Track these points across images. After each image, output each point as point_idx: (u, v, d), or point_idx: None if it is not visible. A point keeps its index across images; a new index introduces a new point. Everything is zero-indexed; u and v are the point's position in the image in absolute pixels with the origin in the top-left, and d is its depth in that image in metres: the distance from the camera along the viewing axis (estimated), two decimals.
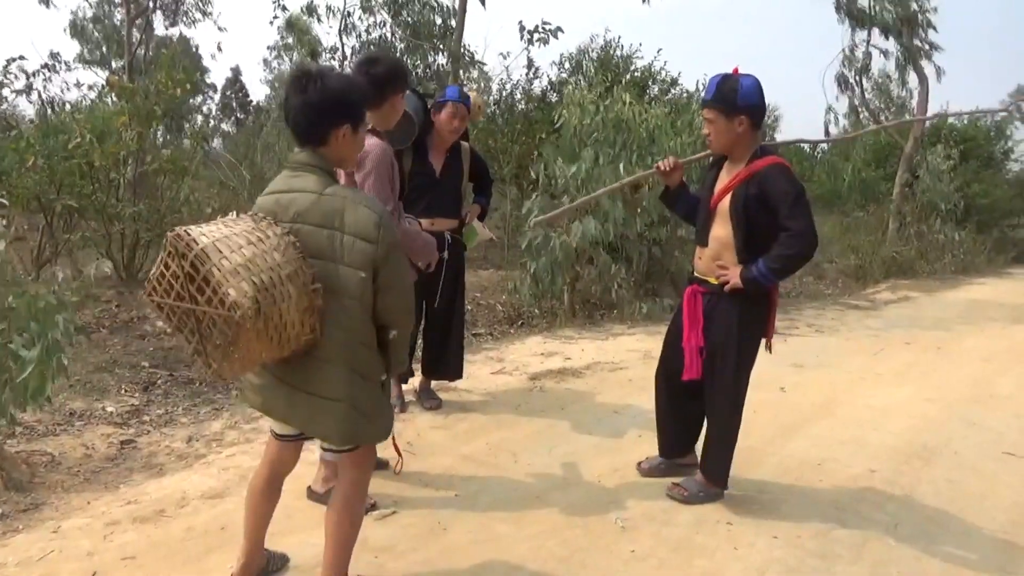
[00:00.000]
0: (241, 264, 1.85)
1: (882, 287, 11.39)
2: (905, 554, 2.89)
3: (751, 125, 2.97)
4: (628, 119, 7.16)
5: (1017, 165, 19.11)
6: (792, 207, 2.88)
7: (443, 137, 4.13)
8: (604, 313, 7.47)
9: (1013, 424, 4.61)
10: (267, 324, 1.88)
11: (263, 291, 1.86)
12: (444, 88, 4.23)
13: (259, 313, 1.84)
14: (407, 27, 12.33)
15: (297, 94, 2.07)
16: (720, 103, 2.95)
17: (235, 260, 1.85)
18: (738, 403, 3.17)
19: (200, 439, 3.82)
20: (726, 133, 2.98)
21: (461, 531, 2.89)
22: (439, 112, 4.07)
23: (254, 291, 1.84)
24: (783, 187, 2.91)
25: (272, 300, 1.88)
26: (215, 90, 32.19)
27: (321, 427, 2.11)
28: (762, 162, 2.97)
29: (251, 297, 1.83)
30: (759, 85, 2.96)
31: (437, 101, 4.10)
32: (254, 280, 1.85)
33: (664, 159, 3.32)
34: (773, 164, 2.97)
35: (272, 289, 1.88)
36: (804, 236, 2.89)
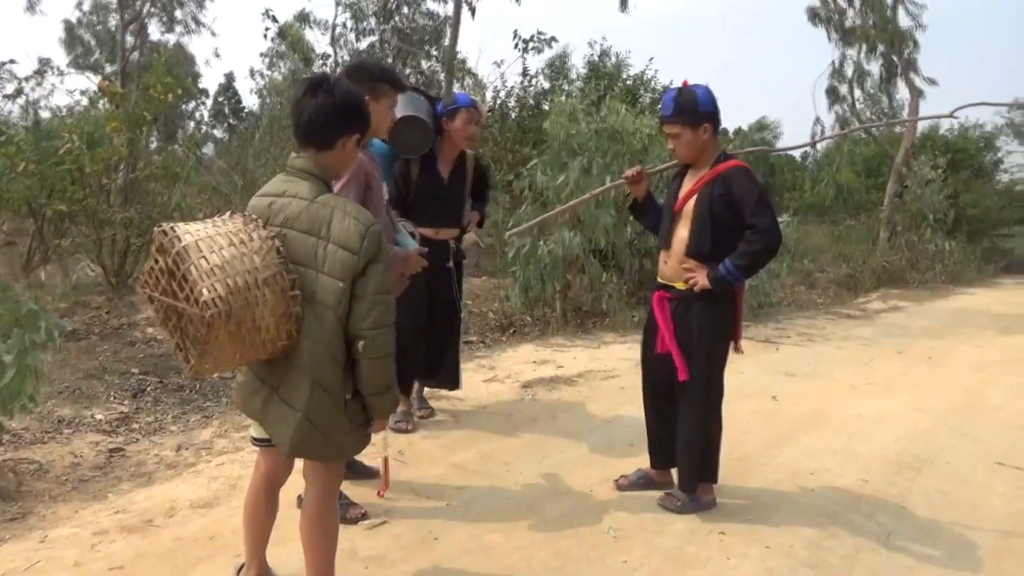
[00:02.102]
0: (218, 265, 1.87)
1: (873, 296, 11.43)
2: (897, 564, 2.88)
3: (712, 131, 3.08)
4: (622, 130, 7.17)
5: (1007, 176, 19.29)
6: (756, 206, 2.97)
7: (455, 145, 4.06)
8: (596, 321, 7.47)
9: (1004, 434, 4.62)
10: (239, 326, 1.89)
11: (236, 293, 1.87)
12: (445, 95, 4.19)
13: (230, 314, 1.85)
14: (398, 33, 12.34)
15: (319, 93, 2.08)
16: (682, 116, 3.06)
17: (213, 260, 1.87)
18: (710, 408, 3.18)
19: (190, 447, 3.80)
20: (693, 143, 3.08)
21: (452, 541, 2.87)
22: (452, 120, 3.98)
23: (226, 292, 1.85)
24: (747, 187, 3.00)
25: (245, 303, 1.88)
26: (208, 96, 32.14)
27: (278, 432, 2.10)
28: (725, 165, 3.07)
29: (223, 298, 1.84)
30: (712, 92, 3.09)
31: (448, 108, 4.01)
32: (228, 282, 1.86)
33: (632, 168, 3.37)
34: (736, 166, 3.06)
35: (246, 292, 1.88)
36: (768, 233, 2.97)
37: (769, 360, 6.49)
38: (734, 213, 3.02)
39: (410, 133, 3.73)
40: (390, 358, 2.07)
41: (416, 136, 3.77)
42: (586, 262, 7.21)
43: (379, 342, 2.01)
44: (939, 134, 18.02)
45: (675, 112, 3.07)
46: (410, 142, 3.78)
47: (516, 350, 6.33)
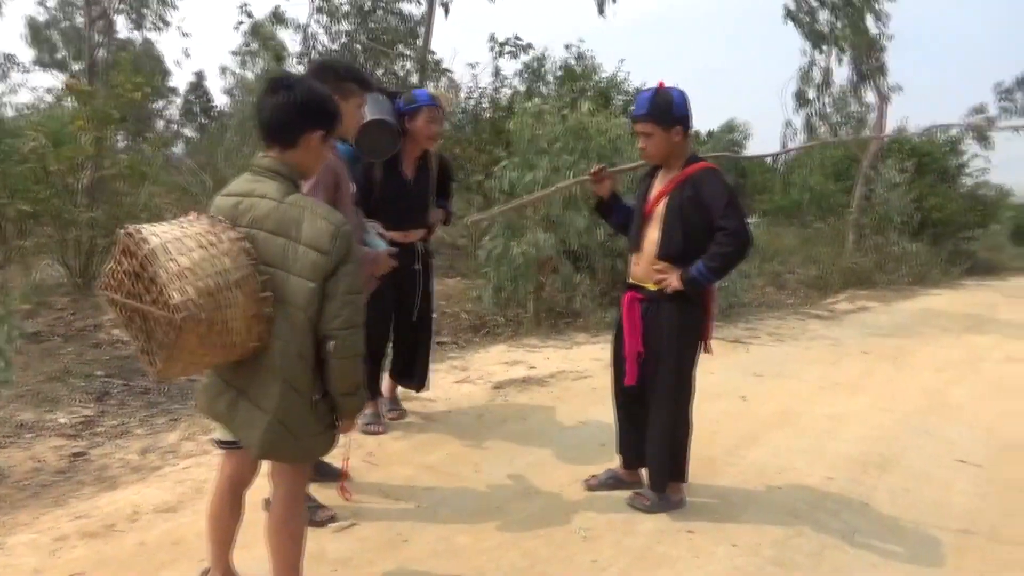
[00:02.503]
0: (188, 267, 1.84)
1: (841, 297, 11.60)
2: (862, 561, 2.93)
3: (684, 134, 3.10)
4: (589, 128, 7.21)
5: (971, 180, 19.67)
6: (726, 208, 3.00)
7: (418, 143, 3.99)
8: (569, 322, 7.49)
9: (965, 433, 4.72)
10: (210, 329, 1.86)
11: (207, 296, 1.84)
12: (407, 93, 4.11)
13: (201, 318, 1.82)
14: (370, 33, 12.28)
15: (280, 91, 2.06)
16: (656, 116, 3.07)
17: (182, 263, 1.84)
18: (680, 408, 3.21)
19: (155, 451, 3.74)
20: (664, 144, 3.10)
21: (421, 543, 2.86)
22: (413, 119, 3.91)
23: (198, 295, 1.82)
24: (717, 189, 3.03)
25: (216, 305, 1.86)
26: (177, 94, 31.70)
27: (246, 435, 2.07)
28: (695, 167, 3.10)
29: (194, 301, 1.81)
30: (686, 96, 3.12)
31: (409, 107, 3.93)
32: (199, 284, 1.83)
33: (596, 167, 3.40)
34: (706, 168, 3.09)
35: (217, 294, 1.86)
36: (738, 234, 3.00)
37: (739, 360, 6.55)
38: (704, 215, 3.04)
39: (377, 137, 3.67)
40: (359, 358, 2.07)
41: (384, 140, 3.72)
42: (559, 263, 7.22)
43: (349, 342, 2.00)
44: (905, 137, 18.33)
45: (649, 111, 3.08)
46: (377, 146, 3.72)
47: (488, 351, 6.32)
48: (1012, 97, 36.94)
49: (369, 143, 3.67)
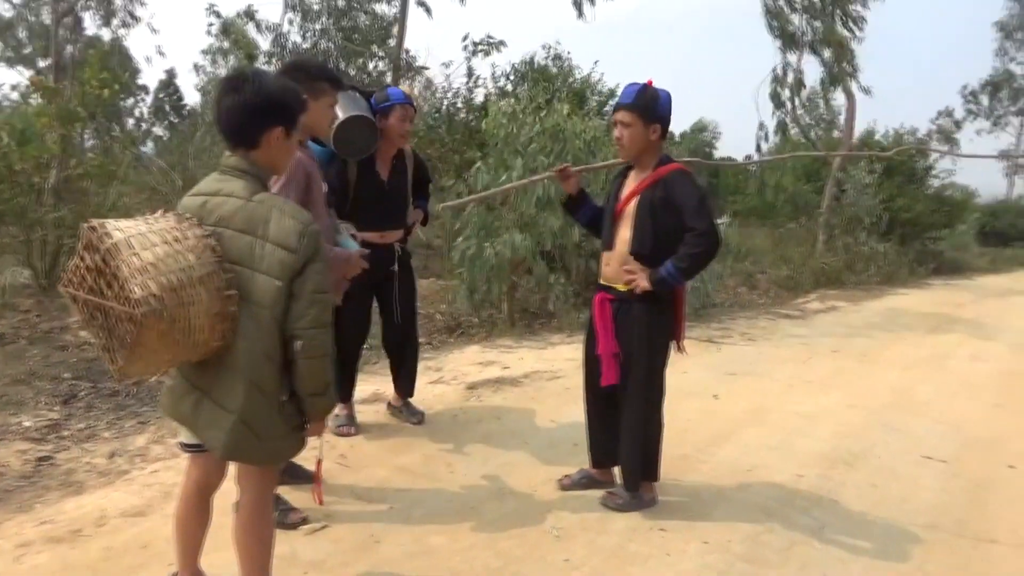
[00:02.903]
0: (151, 262, 1.81)
1: (811, 297, 11.75)
2: (830, 556, 2.97)
3: (661, 134, 3.14)
4: (565, 129, 7.23)
5: (937, 181, 20.05)
6: (696, 209, 3.03)
7: (391, 142, 3.95)
8: (543, 322, 7.51)
9: (932, 429, 4.80)
10: (172, 326, 1.83)
11: (169, 292, 1.81)
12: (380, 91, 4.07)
13: (163, 314, 1.80)
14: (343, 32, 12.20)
15: (230, 94, 2.04)
16: (640, 109, 3.09)
17: (145, 258, 1.81)
18: (651, 407, 3.24)
19: (123, 454, 3.68)
20: (641, 138, 3.12)
21: (394, 544, 2.85)
22: (386, 117, 3.87)
23: (160, 291, 1.80)
24: (688, 190, 3.06)
25: (179, 302, 1.83)
26: (147, 93, 31.26)
27: (210, 435, 2.05)
28: (666, 168, 3.12)
29: (156, 296, 1.79)
30: (671, 100, 3.15)
31: (382, 106, 3.89)
32: (161, 280, 1.81)
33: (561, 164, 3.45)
34: (677, 169, 3.12)
35: (180, 291, 1.84)
36: (708, 235, 3.02)
37: (711, 360, 6.61)
38: (675, 216, 3.06)
39: (356, 134, 3.64)
40: (327, 359, 2.05)
41: (362, 137, 3.69)
42: (533, 263, 7.23)
43: (316, 342, 1.99)
44: (875, 139, 18.65)
45: (634, 102, 3.10)
46: (356, 144, 3.69)
47: (463, 351, 6.32)
48: (977, 100, 37.70)
49: (347, 141, 3.64)
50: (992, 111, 37.00)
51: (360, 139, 3.69)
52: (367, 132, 3.70)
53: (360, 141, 3.70)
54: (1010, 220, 30.13)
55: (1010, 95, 36.55)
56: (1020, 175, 38.15)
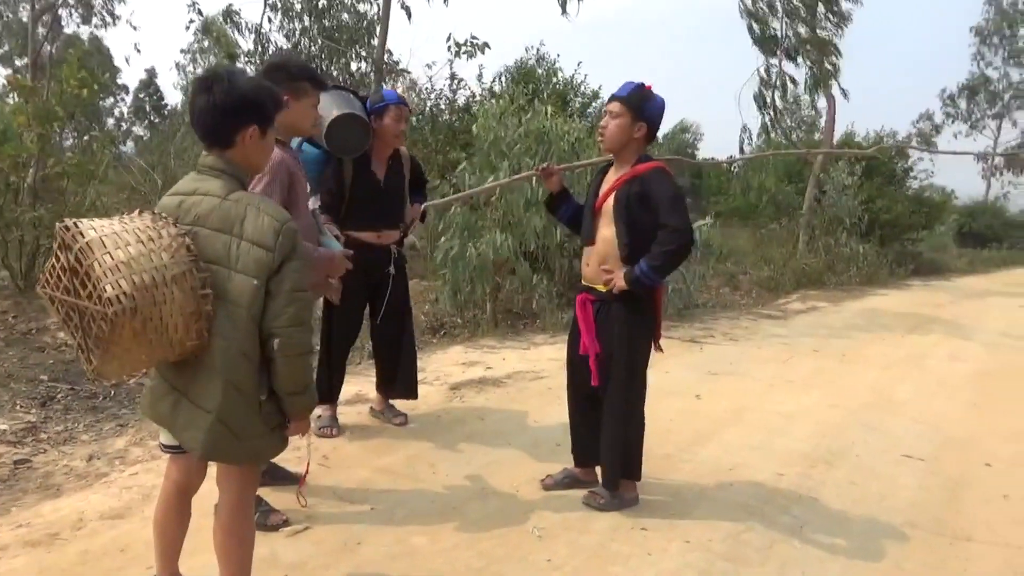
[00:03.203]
0: (124, 261, 1.81)
1: (793, 297, 11.85)
2: (810, 555, 3.00)
3: (647, 135, 3.17)
4: (549, 131, 7.25)
5: (916, 183, 20.29)
6: (671, 206, 3.05)
7: (386, 143, 3.96)
8: (526, 323, 7.52)
9: (910, 428, 4.86)
10: (145, 325, 1.83)
11: (142, 290, 1.81)
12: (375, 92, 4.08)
13: (135, 312, 1.79)
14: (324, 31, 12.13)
15: (202, 94, 2.02)
16: (632, 103, 3.14)
17: (118, 256, 1.81)
18: (632, 406, 3.25)
19: (102, 457, 3.64)
20: (624, 131, 3.15)
21: (376, 545, 2.84)
22: (381, 117, 3.88)
23: (132, 289, 1.79)
24: (663, 188, 3.09)
25: (152, 300, 1.82)
26: (127, 92, 30.98)
27: (188, 436, 2.04)
28: (644, 166, 3.15)
29: (127, 295, 1.78)
30: (664, 107, 3.20)
31: (376, 107, 3.91)
32: (134, 278, 1.80)
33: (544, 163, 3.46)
34: (655, 168, 3.15)
35: (153, 289, 1.83)
36: (681, 233, 3.04)
37: (694, 360, 6.65)
38: (650, 212, 3.09)
39: (348, 132, 3.66)
40: (306, 357, 2.04)
41: (355, 134, 3.71)
42: (516, 264, 7.24)
43: (295, 340, 1.98)
44: (854, 141, 18.84)
45: (628, 96, 3.15)
46: (348, 141, 3.71)
47: (446, 352, 6.31)
48: (955, 103, 38.19)
49: (341, 139, 3.66)
50: (970, 114, 37.52)
51: (353, 137, 3.71)
52: (359, 130, 3.72)
53: (353, 139, 3.72)
54: (987, 221, 30.57)
55: (987, 98, 37.07)
56: (996, 177, 38.72)
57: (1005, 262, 27.27)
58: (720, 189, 24.24)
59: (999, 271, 23.73)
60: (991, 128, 38.36)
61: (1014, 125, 38.16)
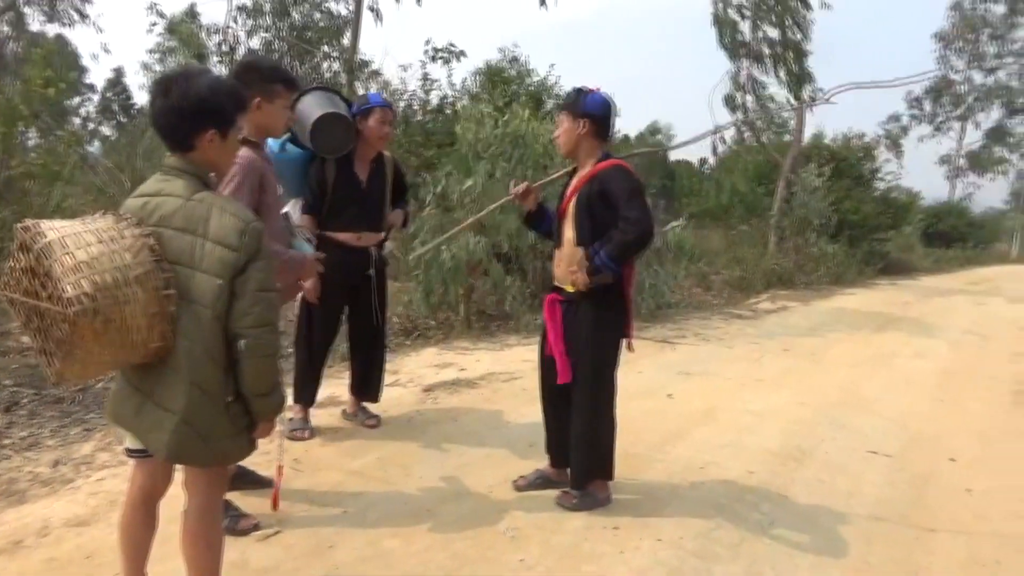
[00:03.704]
0: (84, 261, 1.78)
1: (763, 297, 12.00)
2: (779, 551, 3.04)
3: (592, 131, 3.20)
4: (525, 134, 7.26)
5: (884, 184, 20.66)
6: (629, 199, 3.08)
7: (371, 145, 3.96)
8: (500, 324, 7.53)
9: (877, 425, 4.95)
10: (107, 326, 1.80)
11: (103, 290, 1.78)
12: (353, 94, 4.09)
13: (96, 313, 1.77)
14: (294, 30, 12.03)
15: (160, 97, 2.00)
16: (568, 107, 3.25)
17: (79, 257, 1.78)
18: (601, 406, 3.26)
19: (68, 462, 3.58)
20: (570, 134, 3.24)
21: (348, 548, 2.82)
22: (365, 119, 3.88)
23: (93, 289, 1.77)
24: (622, 183, 3.12)
25: (114, 301, 1.80)
26: (95, 91, 30.48)
27: (153, 438, 2.01)
28: (603, 164, 3.19)
29: (88, 295, 1.76)
30: (606, 102, 3.23)
31: (361, 109, 3.92)
32: (95, 279, 1.78)
33: (519, 184, 3.47)
34: (614, 165, 3.19)
35: (115, 290, 1.80)
36: (639, 223, 3.07)
37: (666, 359, 6.70)
38: (612, 209, 3.12)
39: (333, 131, 3.68)
40: (273, 358, 2.02)
41: (339, 133, 3.72)
42: (489, 265, 7.24)
43: (261, 341, 1.96)
44: (823, 143, 19.15)
45: (564, 102, 3.32)
46: (333, 141, 3.72)
47: (419, 354, 6.29)
48: (921, 105, 38.93)
49: (325, 138, 3.68)
50: (935, 116, 38.29)
51: (337, 137, 3.72)
52: (344, 130, 3.73)
53: (337, 139, 3.73)
54: (952, 222, 31.21)
55: (952, 100, 37.86)
56: (961, 179, 39.57)
57: (969, 261, 27.93)
58: (692, 191, 24.47)
59: (963, 270, 24.30)
60: (955, 129, 39.22)
61: (977, 127, 39.08)
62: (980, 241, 33.03)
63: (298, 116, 3.62)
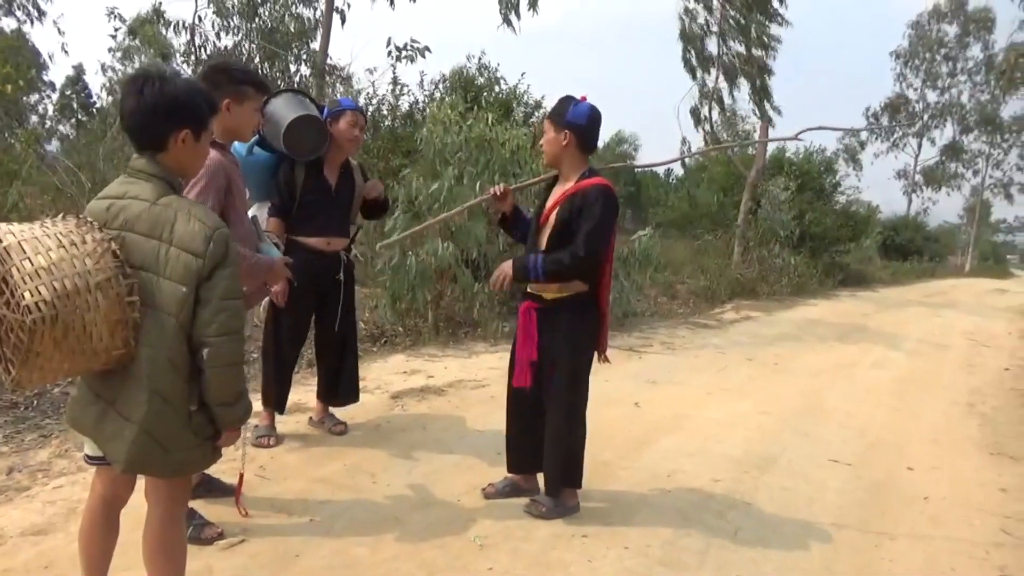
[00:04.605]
0: (44, 267, 1.74)
1: (728, 307, 12.17)
2: (744, 557, 3.08)
3: (576, 143, 3.20)
4: (491, 138, 7.28)
5: (844, 197, 21.15)
6: (588, 234, 3.09)
7: (341, 149, 3.94)
8: (468, 331, 7.52)
9: (838, 433, 5.04)
10: (67, 333, 1.77)
11: (63, 297, 1.75)
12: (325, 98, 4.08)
13: (56, 320, 1.73)
14: (263, 33, 11.91)
15: (133, 96, 1.96)
16: (552, 116, 3.25)
17: (38, 262, 1.74)
18: (574, 414, 3.28)
19: (23, 470, 3.48)
20: (554, 143, 3.24)
21: (315, 557, 2.79)
22: (336, 122, 3.88)
23: (52, 296, 1.73)
24: (595, 211, 3.11)
25: (74, 308, 1.76)
26: (54, 89, 29.77)
27: (114, 448, 1.97)
28: (589, 181, 3.19)
29: (47, 302, 1.72)
30: (592, 113, 3.21)
31: (332, 111, 3.91)
32: (55, 285, 1.74)
33: (497, 185, 3.47)
34: (597, 184, 3.18)
35: (75, 296, 1.77)
36: (581, 262, 3.09)
37: (633, 368, 6.76)
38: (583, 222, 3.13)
39: (306, 134, 3.67)
40: (238, 367, 1.99)
41: (312, 136, 3.72)
42: (458, 272, 7.24)
43: (225, 349, 1.93)
44: (786, 156, 19.54)
45: (551, 111, 3.28)
46: (306, 143, 3.71)
47: (387, 361, 6.26)
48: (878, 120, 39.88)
49: (298, 141, 3.67)
50: (892, 132, 39.27)
51: (309, 140, 3.71)
52: (316, 133, 3.73)
53: (309, 142, 3.72)
54: (909, 235, 32.05)
55: (907, 118, 38.87)
56: (917, 194, 40.61)
57: (925, 273, 28.67)
58: (658, 200, 24.75)
59: (919, 282, 24.94)
60: (912, 146, 40.28)
61: (932, 144, 40.20)
62: (935, 254, 33.95)
63: (268, 119, 3.59)
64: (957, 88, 38.32)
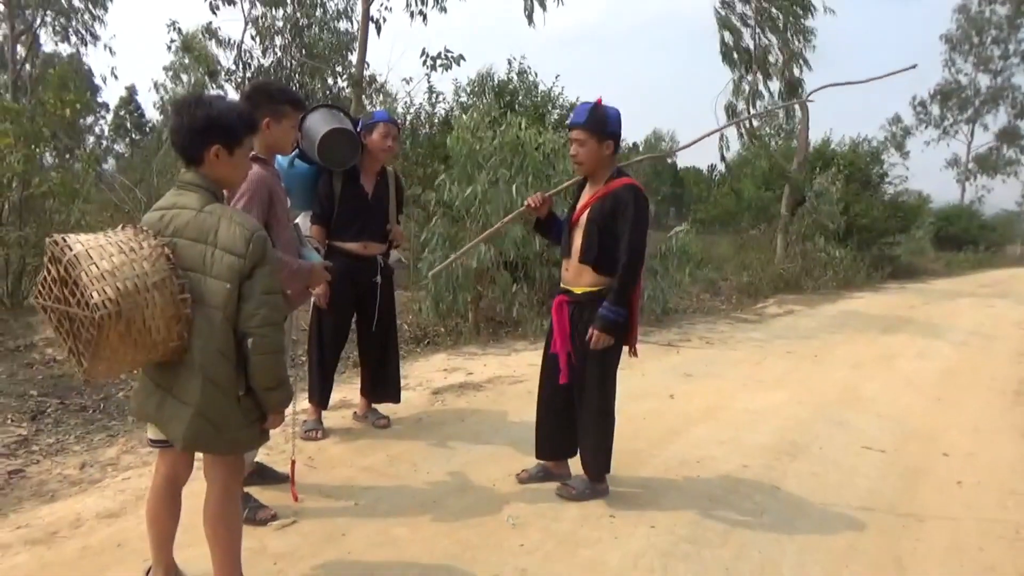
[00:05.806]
0: (108, 270, 2.00)
1: (770, 302, 12.10)
2: (768, 537, 3.19)
3: (614, 150, 3.35)
4: (524, 142, 7.44)
5: (892, 187, 20.71)
6: (631, 236, 3.23)
7: (375, 158, 4.18)
8: (508, 330, 7.70)
9: (874, 423, 5.07)
10: (129, 327, 2.02)
11: (126, 296, 2.00)
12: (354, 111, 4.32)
13: (120, 316, 1.98)
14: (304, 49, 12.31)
15: (176, 116, 2.26)
16: (592, 127, 3.31)
17: (103, 266, 2.01)
18: (606, 406, 3.41)
19: (94, 465, 3.77)
20: (595, 154, 3.34)
21: (359, 536, 3.00)
22: (370, 133, 4.12)
23: (116, 295, 1.98)
24: (629, 214, 3.25)
25: (135, 305, 2.02)
26: (107, 110, 30.99)
27: (173, 429, 2.22)
28: (618, 182, 3.33)
29: (112, 300, 1.97)
30: (620, 116, 3.37)
31: (366, 123, 4.16)
32: (118, 285, 2.00)
33: (532, 196, 3.60)
34: (627, 184, 3.32)
35: (136, 295, 2.02)
36: (630, 269, 3.24)
37: (670, 363, 6.85)
38: (617, 224, 3.28)
39: (338, 145, 3.90)
40: (279, 355, 2.23)
41: (345, 147, 3.94)
42: (496, 273, 7.42)
43: (267, 339, 2.16)
44: (830, 148, 19.25)
45: (586, 122, 3.32)
46: (339, 154, 3.94)
47: (429, 360, 6.47)
48: (927, 110, 38.90)
49: (332, 152, 3.89)
50: (942, 119, 38.24)
51: (342, 151, 3.94)
52: (348, 144, 3.94)
53: (342, 153, 3.95)
54: (963, 225, 31.13)
55: (959, 104, 37.81)
56: (971, 181, 39.42)
57: (981, 264, 27.82)
58: (701, 197, 24.58)
59: (974, 273, 24.22)
60: (964, 132, 39.14)
61: (985, 129, 38.98)
62: (992, 244, 32.90)
63: (305, 133, 3.83)
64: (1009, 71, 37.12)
